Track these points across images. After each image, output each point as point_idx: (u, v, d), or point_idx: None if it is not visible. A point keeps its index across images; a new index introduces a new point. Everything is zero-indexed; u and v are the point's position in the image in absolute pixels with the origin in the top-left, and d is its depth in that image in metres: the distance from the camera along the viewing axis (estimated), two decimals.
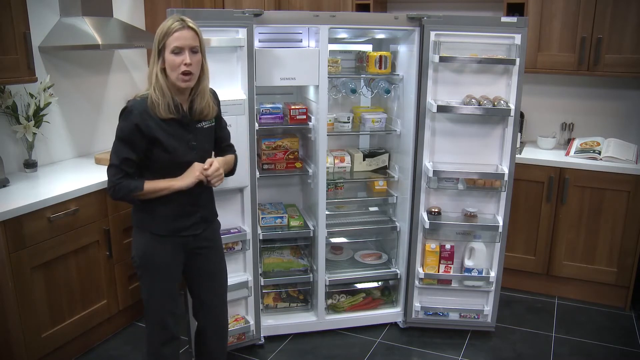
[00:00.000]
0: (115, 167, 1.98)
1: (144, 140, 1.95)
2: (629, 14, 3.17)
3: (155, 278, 2.10)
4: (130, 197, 2.00)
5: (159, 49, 1.93)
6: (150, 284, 2.11)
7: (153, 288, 2.11)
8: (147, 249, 2.07)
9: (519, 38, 2.66)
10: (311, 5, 3.73)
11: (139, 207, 2.07)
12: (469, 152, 2.82)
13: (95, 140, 3.42)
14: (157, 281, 2.10)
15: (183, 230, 2.09)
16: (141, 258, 2.08)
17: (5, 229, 2.32)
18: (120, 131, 1.95)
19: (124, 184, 1.98)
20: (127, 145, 1.95)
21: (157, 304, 2.12)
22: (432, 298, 3.02)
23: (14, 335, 2.42)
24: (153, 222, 2.06)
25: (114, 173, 1.98)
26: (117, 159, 1.96)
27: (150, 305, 2.13)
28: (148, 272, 2.10)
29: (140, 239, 2.08)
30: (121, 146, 1.96)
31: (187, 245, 2.13)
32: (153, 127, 1.94)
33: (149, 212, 2.05)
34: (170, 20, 1.94)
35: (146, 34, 3.40)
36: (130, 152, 1.96)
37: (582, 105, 3.66)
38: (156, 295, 2.12)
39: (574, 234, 3.35)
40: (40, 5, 2.94)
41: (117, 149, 1.97)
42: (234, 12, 2.50)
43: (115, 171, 1.98)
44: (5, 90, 2.77)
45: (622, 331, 3.12)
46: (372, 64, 2.89)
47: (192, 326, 2.70)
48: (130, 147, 1.95)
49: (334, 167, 3.09)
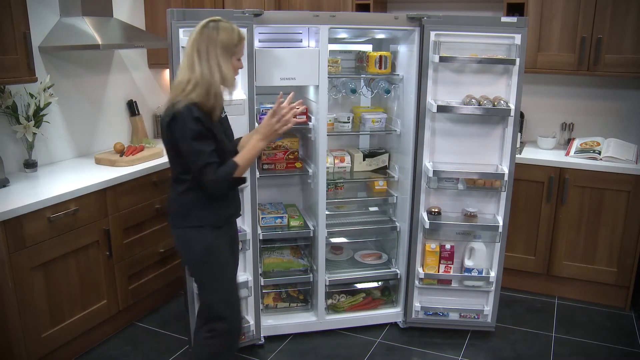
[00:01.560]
0: (209, 164, 2.00)
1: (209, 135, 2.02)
2: (629, 14, 3.17)
3: (223, 267, 2.18)
4: (233, 181, 2.06)
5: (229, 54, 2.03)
6: (220, 275, 2.17)
7: (223, 277, 2.18)
8: (209, 241, 2.13)
9: (519, 38, 2.66)
10: (311, 5, 3.73)
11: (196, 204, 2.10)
12: (469, 152, 2.82)
13: (95, 140, 3.42)
14: (225, 270, 2.20)
15: (231, 217, 2.25)
16: (204, 253, 2.13)
17: (5, 229, 2.32)
18: (192, 131, 1.97)
19: (223, 172, 2.02)
20: (205, 139, 2.00)
21: (230, 293, 2.21)
22: (432, 298, 3.02)
23: (14, 335, 2.42)
24: (213, 214, 2.13)
25: (211, 170, 2.00)
26: (207, 155, 1.99)
27: (225, 295, 2.18)
28: (215, 264, 2.15)
29: (200, 236, 2.13)
30: (201, 143, 1.99)
31: (232, 231, 2.29)
32: (210, 124, 2.02)
33: (206, 206, 2.11)
34: (236, 27, 2.06)
35: (146, 34, 3.40)
36: (209, 143, 2.00)
37: (582, 105, 3.66)
38: (227, 284, 2.20)
39: (574, 234, 3.35)
40: (40, 5, 2.94)
41: (199, 147, 1.99)
42: (234, 12, 2.50)
43: (210, 167, 2.00)
44: (5, 90, 2.77)
45: (622, 331, 3.12)
46: (372, 64, 2.89)
47: (193, 325, 2.70)
48: (207, 140, 2.00)
49: (334, 167, 3.09)
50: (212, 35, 2.01)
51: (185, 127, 1.97)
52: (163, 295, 3.37)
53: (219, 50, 2.01)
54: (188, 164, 2.05)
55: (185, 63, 2.04)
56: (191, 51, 2.02)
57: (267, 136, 2.13)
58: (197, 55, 2.00)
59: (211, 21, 2.04)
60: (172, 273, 3.35)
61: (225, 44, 2.02)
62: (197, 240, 2.14)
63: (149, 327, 3.12)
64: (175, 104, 1.99)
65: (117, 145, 3.19)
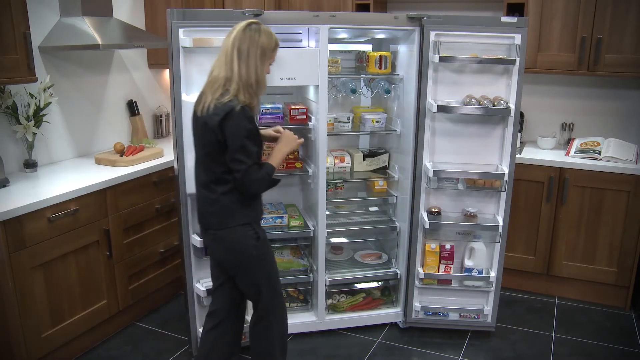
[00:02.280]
0: (256, 164, 2.09)
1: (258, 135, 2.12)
2: (629, 14, 3.17)
3: (272, 258, 2.32)
4: (271, 182, 2.16)
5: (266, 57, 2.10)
6: (270, 265, 2.30)
7: (273, 267, 2.32)
8: (259, 235, 2.22)
9: (519, 38, 2.66)
10: (311, 5, 3.73)
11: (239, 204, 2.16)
12: (469, 152, 2.82)
13: (95, 140, 3.42)
14: (273, 260, 2.33)
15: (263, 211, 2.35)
16: (257, 247, 2.21)
17: (5, 229, 2.32)
18: (246, 130, 2.04)
19: (264, 175, 2.12)
20: (255, 140, 2.08)
21: (279, 280, 2.34)
22: (432, 298, 3.02)
23: (14, 335, 2.42)
24: (254, 211, 2.23)
25: (257, 169, 2.09)
26: (254, 156, 2.08)
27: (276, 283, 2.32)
28: (267, 256, 2.28)
29: (250, 231, 2.20)
30: (251, 143, 2.06)
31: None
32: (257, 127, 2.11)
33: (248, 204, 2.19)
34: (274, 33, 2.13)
35: (146, 34, 3.40)
36: (257, 145, 2.10)
37: (582, 105, 3.66)
38: (276, 273, 2.33)
39: (574, 234, 3.35)
40: (40, 5, 2.94)
41: (250, 147, 2.06)
42: (234, 12, 2.49)
43: (255, 167, 2.09)
44: (5, 90, 2.77)
45: (622, 331, 3.12)
46: (372, 64, 2.89)
47: (193, 325, 2.70)
48: (256, 141, 2.09)
49: (334, 167, 3.09)
50: (254, 37, 2.06)
51: (240, 125, 2.02)
52: (163, 295, 3.37)
53: (259, 53, 2.06)
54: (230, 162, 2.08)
55: (223, 60, 2.07)
56: (231, 49, 2.05)
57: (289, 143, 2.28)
58: (237, 54, 2.04)
59: (253, 23, 2.10)
60: (172, 273, 3.35)
61: (265, 48, 2.08)
62: (246, 235, 2.19)
63: (149, 327, 3.12)
64: (225, 103, 2.02)
65: (117, 145, 3.19)
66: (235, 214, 2.16)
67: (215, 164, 2.12)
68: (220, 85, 2.05)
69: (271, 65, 2.19)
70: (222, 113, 2.01)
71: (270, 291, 2.30)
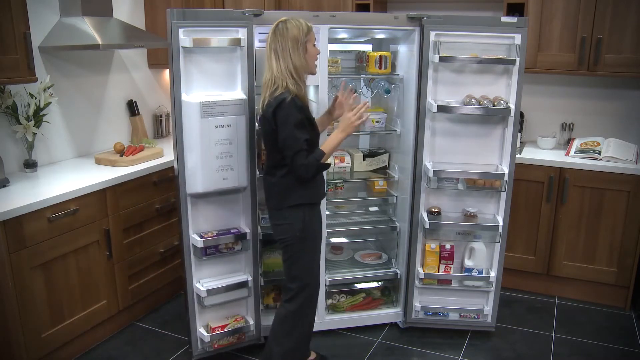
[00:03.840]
0: (301, 151, 2.23)
1: (307, 123, 2.27)
2: (629, 14, 3.17)
3: (316, 244, 2.45)
4: (320, 166, 2.30)
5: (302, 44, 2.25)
6: (312, 252, 2.43)
7: (315, 255, 2.45)
8: (307, 219, 2.36)
9: (519, 38, 2.66)
10: (311, 5, 3.73)
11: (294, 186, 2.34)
12: (469, 152, 2.82)
13: (95, 140, 3.42)
14: (317, 247, 2.46)
15: (323, 195, 2.50)
16: (303, 231, 2.36)
17: (5, 229, 2.32)
18: (295, 118, 2.21)
19: (312, 159, 2.26)
20: (303, 128, 2.24)
21: (316, 271, 2.46)
22: (432, 298, 3.02)
23: (14, 335, 2.42)
24: (309, 193, 2.37)
25: (303, 156, 2.23)
26: (301, 142, 2.23)
27: (312, 274, 2.45)
28: (309, 242, 2.41)
29: (298, 214, 2.36)
30: (298, 131, 2.22)
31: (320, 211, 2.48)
32: (309, 112, 2.30)
33: (304, 187, 2.34)
34: (302, 20, 2.29)
35: (146, 34, 3.40)
36: (305, 133, 2.25)
37: (582, 105, 3.66)
38: (316, 261, 2.46)
39: (574, 234, 3.35)
40: (40, 5, 2.94)
41: (297, 134, 2.22)
42: (234, 12, 2.49)
43: (302, 153, 2.23)
44: (5, 90, 2.77)
45: (622, 331, 3.12)
46: (372, 64, 2.89)
47: (193, 325, 2.70)
48: (303, 128, 2.24)
49: (334, 167, 3.09)
50: (283, 33, 2.24)
51: (289, 114, 2.21)
52: (163, 295, 3.37)
53: (290, 44, 2.23)
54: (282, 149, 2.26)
55: (267, 64, 2.29)
56: (269, 52, 2.27)
57: (345, 129, 2.38)
58: (274, 54, 2.25)
59: (280, 22, 2.27)
60: (172, 273, 3.35)
61: (295, 37, 2.24)
62: (293, 218, 2.36)
63: (149, 327, 3.12)
64: (277, 96, 2.22)
65: (117, 145, 3.19)
66: (290, 195, 2.36)
67: (274, 152, 2.34)
68: (270, 84, 2.26)
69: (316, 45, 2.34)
70: (274, 104, 2.22)
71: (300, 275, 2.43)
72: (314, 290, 2.49)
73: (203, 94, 2.46)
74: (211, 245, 2.59)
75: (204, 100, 2.41)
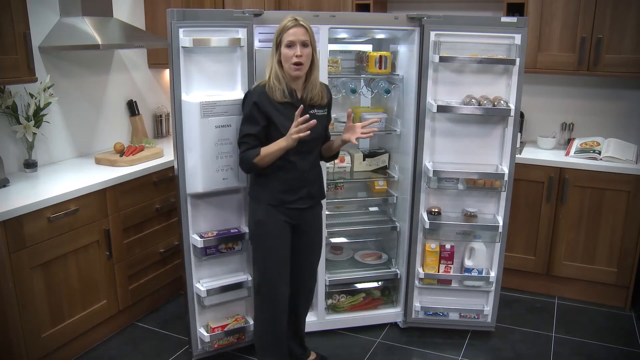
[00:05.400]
0: (241, 143, 2.30)
1: (261, 116, 2.26)
2: (629, 14, 3.17)
3: (268, 245, 2.38)
4: (254, 165, 2.28)
5: (277, 44, 2.25)
6: (264, 251, 2.39)
7: (267, 255, 2.39)
8: (261, 216, 2.36)
9: (519, 38, 2.66)
10: (311, 5, 3.73)
11: (256, 181, 2.38)
12: (469, 152, 2.82)
13: (95, 140, 3.42)
14: (270, 248, 2.38)
15: (288, 203, 2.36)
16: (257, 224, 2.38)
17: (5, 229, 2.32)
18: (246, 111, 2.29)
19: (246, 154, 2.28)
20: (249, 122, 2.27)
21: (272, 272, 2.39)
22: (432, 298, 3.02)
23: (14, 335, 2.42)
24: (266, 194, 2.35)
25: (241, 149, 2.30)
26: (241, 135, 2.30)
27: (266, 273, 2.40)
28: (262, 239, 2.38)
29: (257, 209, 2.38)
30: (244, 124, 2.29)
31: (292, 218, 2.38)
32: (269, 107, 2.26)
33: (264, 185, 2.36)
34: (285, 19, 2.26)
35: (146, 34, 3.40)
36: (251, 127, 2.27)
37: (582, 105, 3.66)
38: (270, 263, 2.39)
39: (574, 234, 3.35)
40: (40, 5, 2.94)
41: (242, 127, 2.31)
42: (234, 12, 2.49)
43: (241, 147, 2.30)
44: (5, 90, 2.77)
45: (622, 331, 3.12)
46: (372, 64, 2.89)
47: (193, 325, 2.70)
48: (250, 123, 2.27)
49: (334, 167, 3.09)
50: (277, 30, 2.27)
51: (244, 105, 2.32)
52: (163, 295, 3.37)
53: (272, 48, 2.27)
54: None
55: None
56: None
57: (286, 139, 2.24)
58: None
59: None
60: (172, 273, 3.35)
61: (274, 40, 2.26)
62: (252, 210, 2.41)
63: (149, 327, 3.12)
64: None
65: (117, 145, 3.19)
66: (252, 188, 2.42)
67: None
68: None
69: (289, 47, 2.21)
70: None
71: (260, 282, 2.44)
72: (268, 296, 2.40)
73: (203, 94, 2.46)
74: (211, 245, 2.59)
75: (204, 100, 2.41)
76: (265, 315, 2.46)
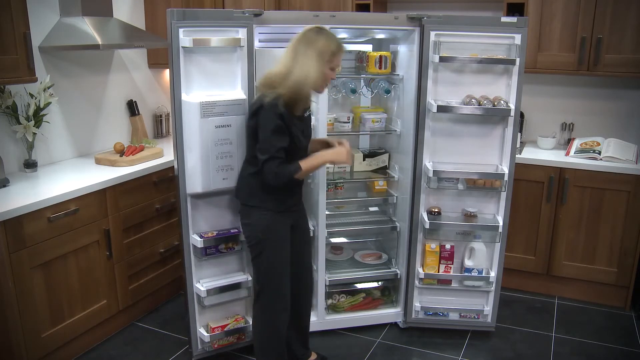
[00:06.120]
0: (274, 158, 2.20)
1: (286, 130, 2.21)
2: (629, 14, 3.17)
3: (276, 249, 2.37)
4: (290, 179, 2.25)
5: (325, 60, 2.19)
6: (272, 255, 2.37)
7: (275, 259, 2.37)
8: (269, 222, 2.34)
9: (519, 38, 2.66)
10: (311, 5, 3.73)
11: (260, 188, 2.32)
12: (469, 152, 2.82)
13: (95, 140, 3.42)
14: (278, 251, 2.37)
15: (292, 207, 2.42)
16: (264, 232, 2.34)
17: (5, 229, 2.32)
18: (273, 125, 2.18)
19: (286, 169, 2.23)
20: (280, 134, 2.19)
21: (278, 274, 2.39)
22: (432, 298, 3.02)
23: (14, 335, 2.42)
24: (273, 200, 2.33)
25: (275, 164, 2.20)
26: (275, 149, 2.20)
27: (273, 276, 2.39)
28: (270, 244, 2.36)
29: (262, 216, 2.34)
30: (274, 136, 2.19)
31: (293, 220, 2.44)
32: (290, 120, 2.22)
33: (269, 192, 2.31)
34: (337, 39, 2.24)
35: (146, 34, 3.40)
36: (282, 140, 2.21)
37: (582, 105, 3.66)
38: (277, 266, 2.38)
39: (574, 234, 3.35)
40: (40, 5, 2.94)
41: (272, 141, 2.19)
42: (234, 12, 2.49)
43: (274, 161, 2.20)
44: (5, 90, 2.77)
45: (622, 331, 3.12)
46: (372, 64, 2.89)
47: (193, 325, 2.70)
48: (282, 135, 2.20)
49: (334, 167, 3.09)
50: (312, 38, 2.19)
51: (268, 118, 2.17)
52: (163, 295, 3.37)
53: (314, 54, 2.17)
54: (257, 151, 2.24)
55: (282, 60, 2.23)
56: (289, 50, 2.21)
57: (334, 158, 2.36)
58: (293, 54, 2.19)
59: (316, 27, 2.24)
60: (172, 273, 3.35)
61: (321, 50, 2.18)
62: (257, 218, 2.35)
63: (149, 327, 3.12)
64: (266, 95, 2.19)
65: (117, 145, 3.19)
66: (254, 196, 2.35)
67: (251, 147, 2.31)
68: (271, 80, 2.21)
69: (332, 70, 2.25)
70: (259, 103, 2.21)
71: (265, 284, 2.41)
72: (272, 298, 2.42)
73: (203, 94, 2.46)
74: (211, 245, 2.59)
75: (204, 100, 2.41)
76: (267, 316, 2.45)
